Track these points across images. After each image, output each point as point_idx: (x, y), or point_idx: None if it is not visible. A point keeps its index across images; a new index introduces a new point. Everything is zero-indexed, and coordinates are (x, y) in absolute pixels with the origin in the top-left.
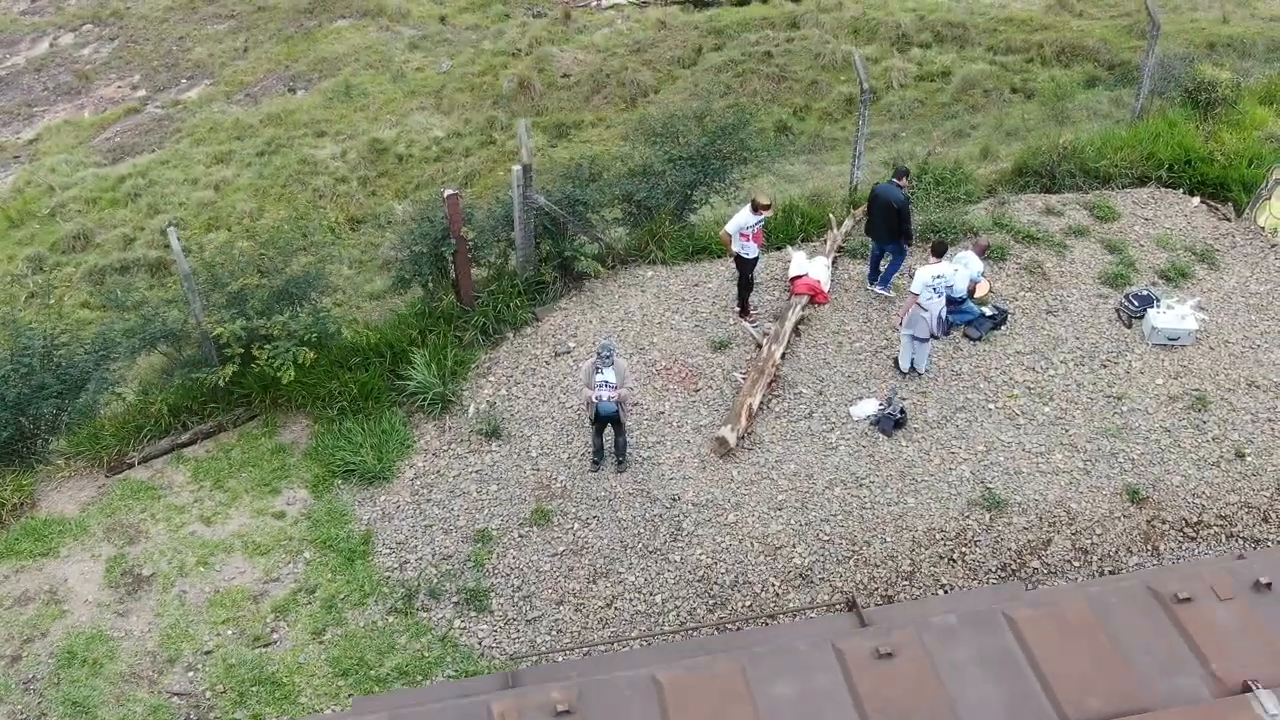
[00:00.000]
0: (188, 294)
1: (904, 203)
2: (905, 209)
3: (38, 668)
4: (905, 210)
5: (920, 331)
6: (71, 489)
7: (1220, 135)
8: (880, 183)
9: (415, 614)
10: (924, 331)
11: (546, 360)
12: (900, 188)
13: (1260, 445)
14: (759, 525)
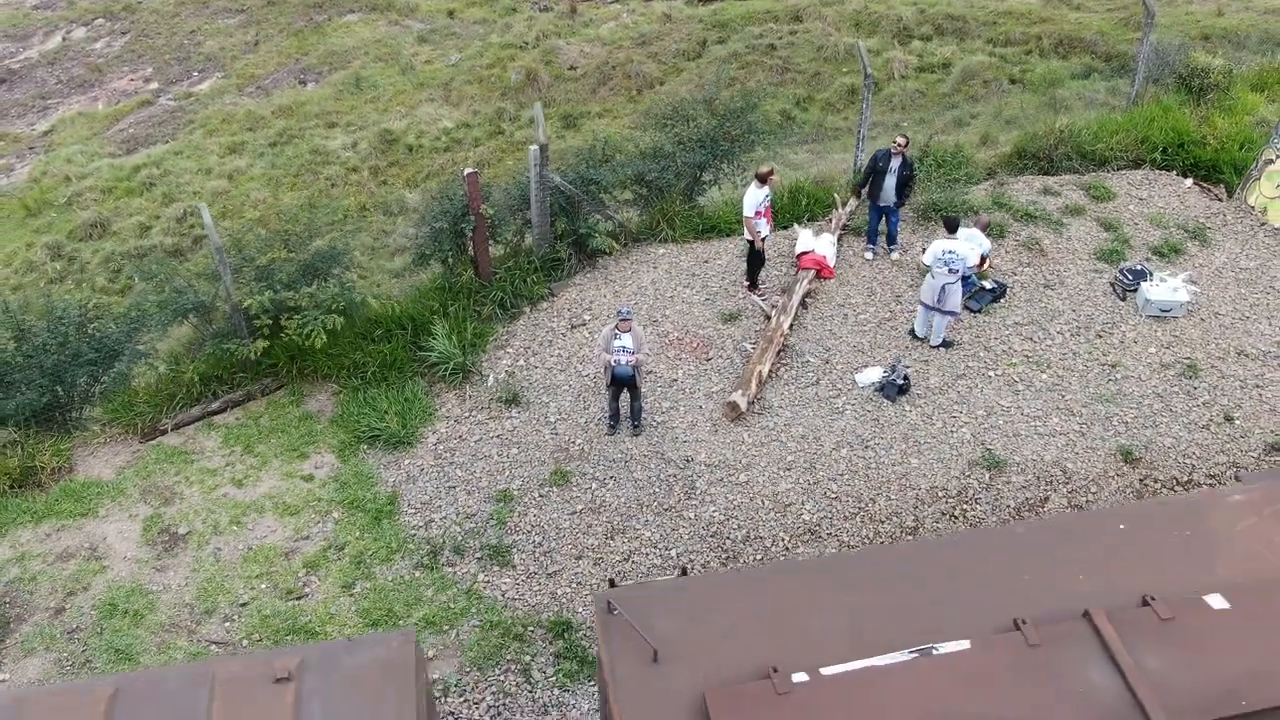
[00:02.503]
0: (218, 268)
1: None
2: (912, 171)
3: (81, 618)
4: (913, 172)
5: (927, 298)
6: (107, 454)
7: (1213, 120)
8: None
9: (440, 569)
10: (929, 298)
11: (563, 332)
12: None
13: (1248, 410)
14: (769, 484)
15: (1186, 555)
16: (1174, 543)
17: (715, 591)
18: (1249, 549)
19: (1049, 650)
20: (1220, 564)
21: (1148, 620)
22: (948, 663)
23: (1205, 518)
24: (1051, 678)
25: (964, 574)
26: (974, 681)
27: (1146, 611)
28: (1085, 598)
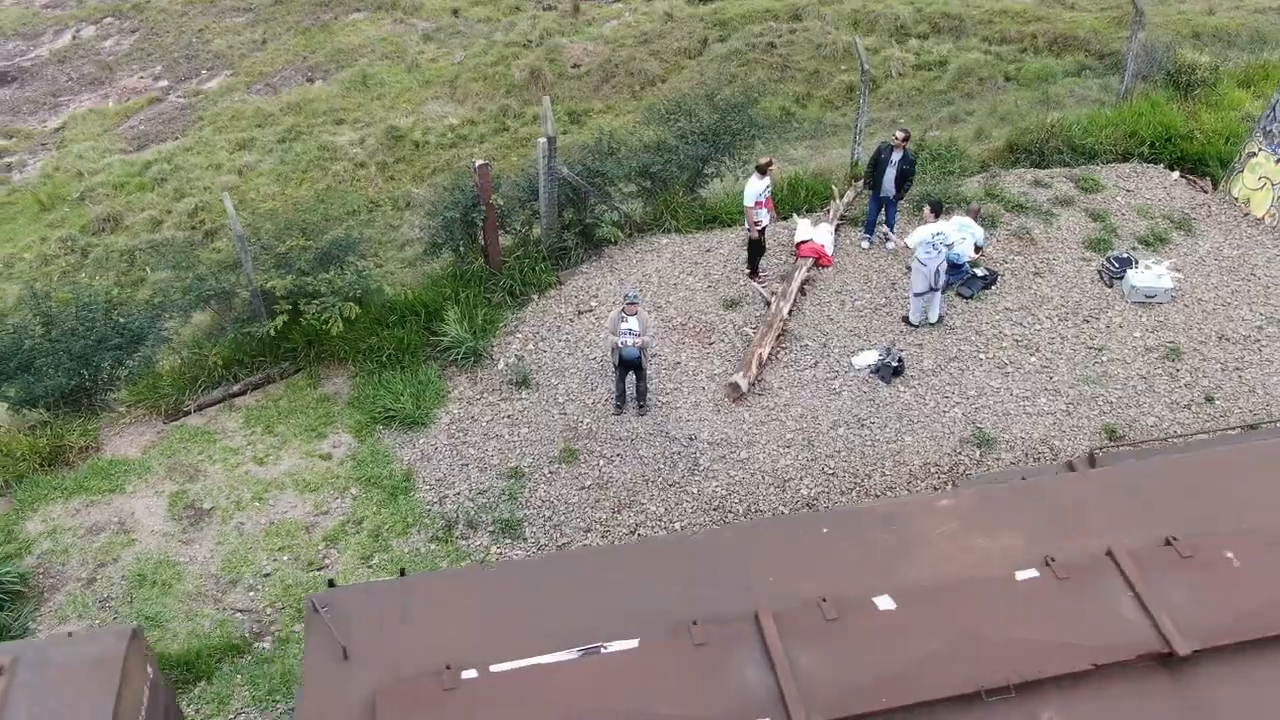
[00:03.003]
0: (240, 255)
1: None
2: (912, 165)
3: (112, 588)
4: (912, 166)
5: (919, 286)
6: (132, 434)
7: (1200, 115)
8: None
9: (455, 542)
10: (922, 285)
11: (570, 318)
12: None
13: (1228, 391)
14: (769, 461)
15: (875, 559)
16: (870, 547)
17: (424, 593)
18: (942, 553)
19: (712, 650)
20: (907, 567)
21: (813, 621)
22: (614, 661)
23: (910, 522)
24: (711, 675)
25: (652, 576)
26: (639, 679)
27: (814, 612)
28: (761, 600)
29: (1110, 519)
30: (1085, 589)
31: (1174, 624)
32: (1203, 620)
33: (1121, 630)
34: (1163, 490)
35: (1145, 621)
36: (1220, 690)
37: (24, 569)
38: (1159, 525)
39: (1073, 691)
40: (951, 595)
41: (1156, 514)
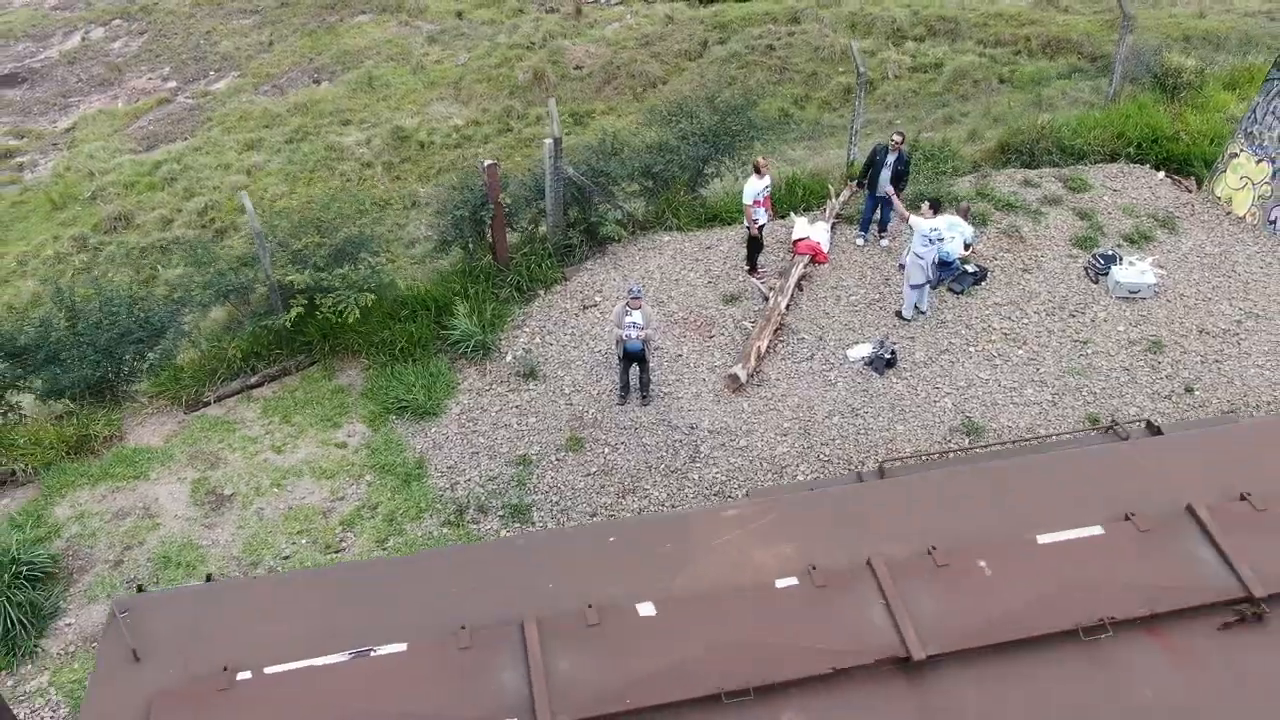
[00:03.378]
0: (258, 251)
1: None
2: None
3: (138, 570)
4: (907, 167)
5: (917, 279)
6: (155, 423)
7: (1185, 117)
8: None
9: (466, 525)
10: (920, 278)
11: (575, 313)
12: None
13: (1207, 382)
14: (767, 448)
15: (652, 568)
16: (650, 555)
17: (222, 598)
18: (716, 561)
19: (476, 653)
20: (679, 575)
21: (574, 627)
22: (383, 663)
23: (694, 532)
24: (471, 678)
25: (434, 584)
26: (405, 681)
27: (577, 619)
28: (530, 607)
29: (879, 530)
30: (839, 597)
31: (915, 630)
32: (944, 627)
33: (865, 636)
34: (931, 502)
35: (890, 627)
36: (954, 692)
37: (54, 551)
38: (924, 536)
39: (813, 694)
40: (710, 602)
41: (923, 525)
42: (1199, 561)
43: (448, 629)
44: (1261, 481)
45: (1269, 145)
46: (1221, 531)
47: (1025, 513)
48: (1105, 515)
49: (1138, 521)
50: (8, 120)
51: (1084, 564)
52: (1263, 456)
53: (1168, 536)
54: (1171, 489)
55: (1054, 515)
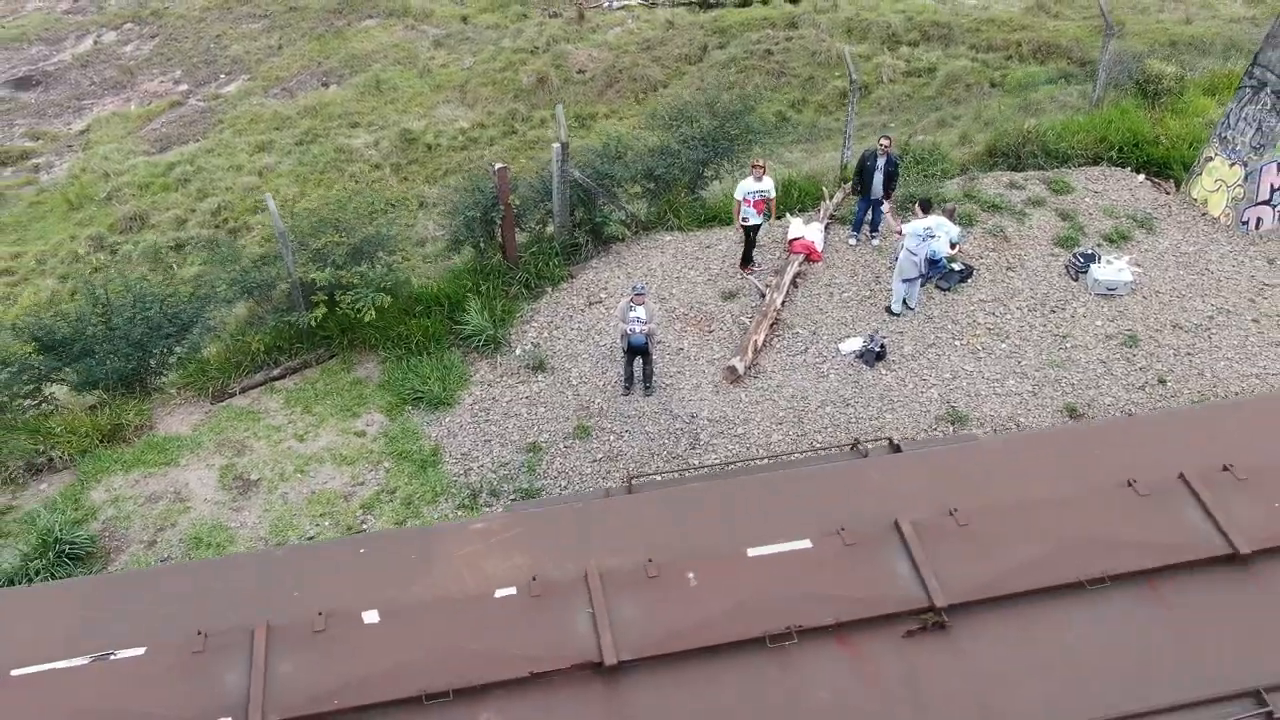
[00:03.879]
0: (281, 250)
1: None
2: (896, 167)
3: (171, 550)
4: (897, 168)
5: (910, 273)
6: (183, 413)
7: (1165, 121)
8: (868, 148)
9: (479, 509)
10: (912, 272)
11: (581, 308)
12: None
13: (1179, 374)
14: (763, 436)
15: (391, 577)
16: (393, 566)
17: (31, 601)
18: (450, 572)
19: (208, 656)
20: (413, 585)
21: (301, 633)
22: (121, 666)
23: (439, 544)
24: (201, 680)
25: (188, 591)
26: (140, 682)
27: (306, 625)
28: (265, 614)
29: (607, 543)
30: (552, 606)
31: (613, 637)
32: (642, 634)
33: (567, 643)
34: (663, 517)
35: (591, 634)
36: (641, 696)
37: (92, 532)
38: (647, 549)
39: (511, 697)
40: (432, 610)
41: (648, 538)
42: (894, 574)
43: (184, 634)
44: (971, 497)
45: (1241, 150)
46: (918, 545)
47: (747, 527)
48: (819, 529)
49: (845, 536)
50: (23, 122)
51: (787, 576)
52: (979, 474)
53: (871, 550)
54: (888, 505)
55: (772, 529)
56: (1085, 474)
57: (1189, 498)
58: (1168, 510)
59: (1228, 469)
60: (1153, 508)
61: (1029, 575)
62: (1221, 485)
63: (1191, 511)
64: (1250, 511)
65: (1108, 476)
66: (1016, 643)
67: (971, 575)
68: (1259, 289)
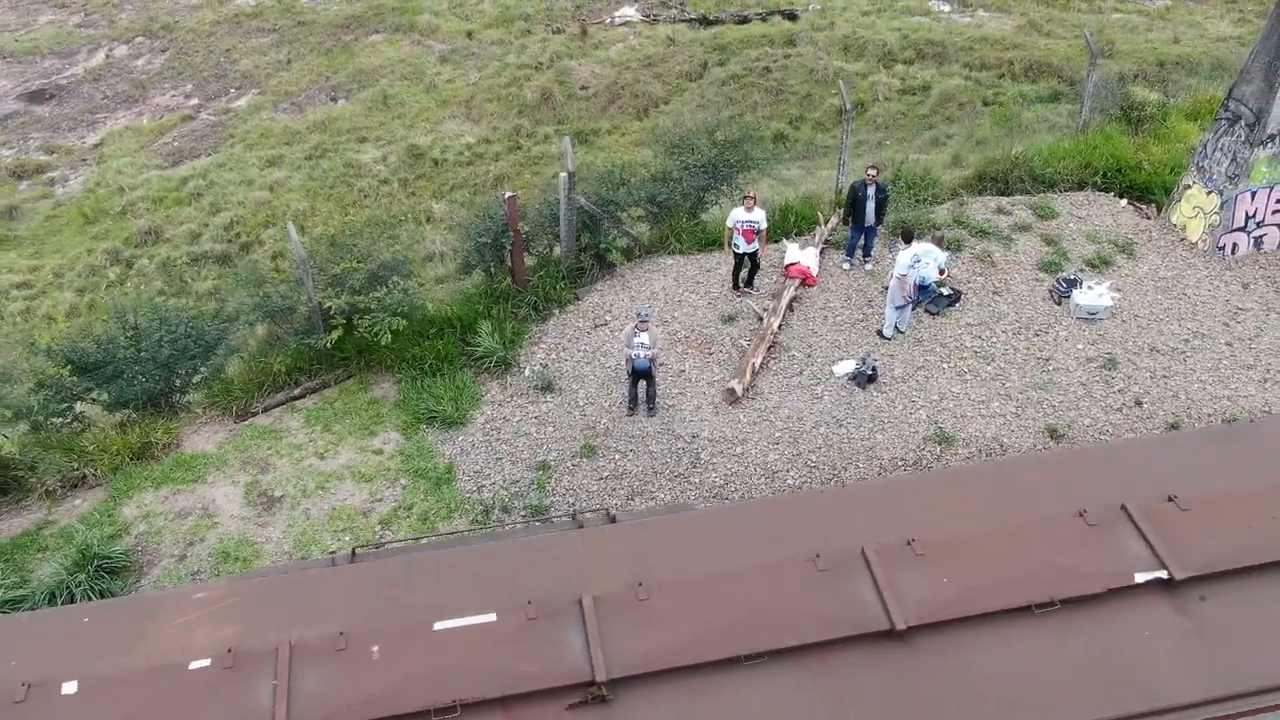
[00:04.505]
0: (302, 275)
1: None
2: (886, 194)
3: (200, 564)
4: (887, 195)
5: (900, 297)
6: (208, 432)
7: (1148, 147)
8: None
9: (492, 525)
10: (902, 297)
11: (587, 331)
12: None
13: (1155, 396)
14: (761, 456)
15: (103, 647)
16: (108, 635)
17: None
18: (160, 642)
19: None
20: (121, 655)
21: (2, 704)
22: None
23: (157, 612)
24: None
25: None
26: None
27: (8, 697)
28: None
29: (310, 615)
30: (240, 678)
31: (287, 709)
32: (318, 706)
33: (245, 716)
34: (367, 587)
35: (269, 708)
36: None
37: (125, 547)
38: (347, 619)
39: None
40: (128, 682)
41: (348, 609)
42: (568, 648)
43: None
44: (662, 571)
45: (1217, 179)
46: (594, 621)
47: (440, 599)
48: (507, 603)
49: (530, 610)
50: (38, 136)
51: (468, 649)
52: (677, 547)
53: (551, 624)
54: (577, 580)
55: (463, 602)
56: (772, 548)
57: (865, 573)
58: (841, 585)
59: (910, 544)
60: (827, 583)
61: (694, 649)
62: (899, 559)
63: (865, 587)
64: (917, 586)
65: (794, 551)
66: (676, 715)
67: (640, 650)
68: (1233, 313)
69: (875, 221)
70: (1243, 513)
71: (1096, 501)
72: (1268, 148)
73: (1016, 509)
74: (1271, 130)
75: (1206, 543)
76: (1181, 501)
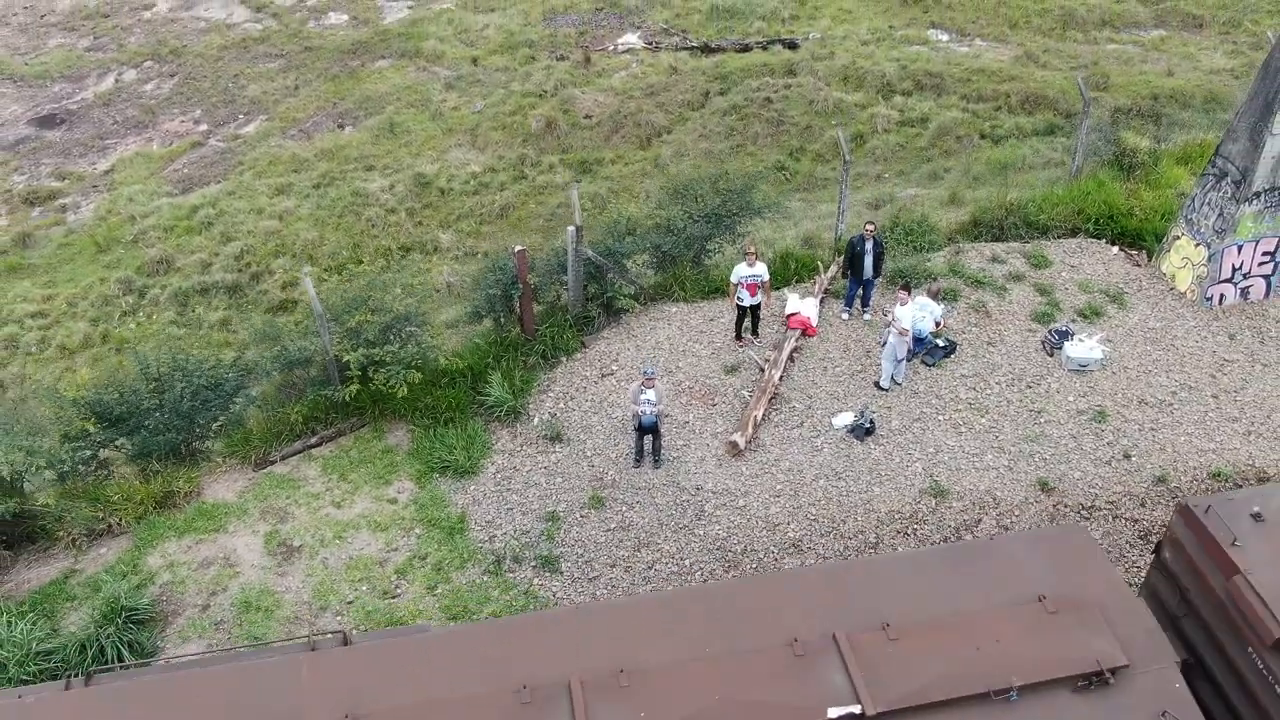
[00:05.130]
0: (319, 328)
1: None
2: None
3: (223, 613)
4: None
5: (901, 351)
6: (228, 480)
7: (1139, 193)
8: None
9: (504, 574)
10: (902, 353)
11: (594, 380)
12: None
13: (1143, 449)
14: (762, 508)
15: None
16: None
17: None
18: None
19: None
20: None
21: None
22: None
23: None
24: None
25: None
26: None
27: None
28: None
29: None
30: None
31: None
32: None
33: None
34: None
35: None
36: None
37: (151, 597)
38: None
39: None
40: None
41: None
42: None
43: None
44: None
45: (1205, 232)
46: None
47: None
48: None
49: None
50: (49, 161)
51: None
52: (399, 673)
53: None
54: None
55: None
56: (486, 677)
57: (567, 706)
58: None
59: (621, 672)
60: (532, 715)
61: None
62: (605, 691)
63: None
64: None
65: (505, 680)
66: None
67: None
68: (1220, 364)
69: (873, 274)
70: (950, 642)
71: (812, 629)
72: (1253, 204)
73: (731, 636)
74: (1256, 188)
75: (906, 676)
76: (893, 630)
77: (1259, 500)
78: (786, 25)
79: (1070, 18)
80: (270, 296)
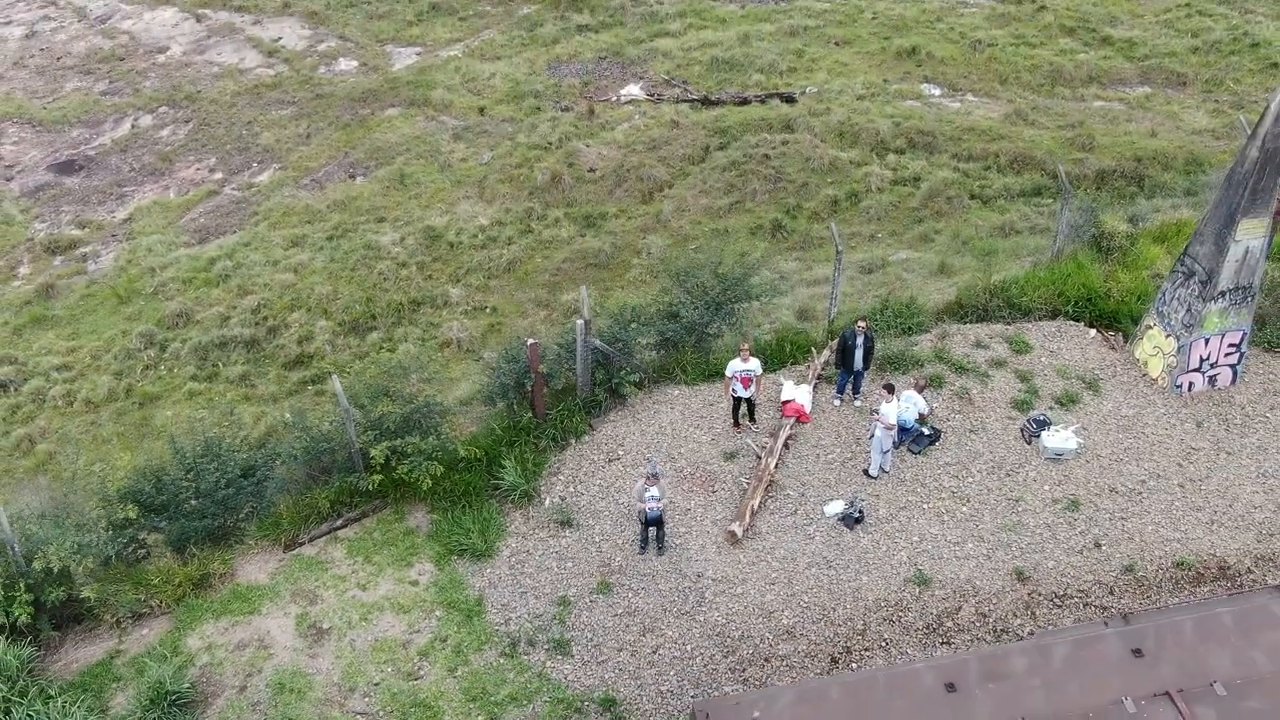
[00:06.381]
0: (345, 422)
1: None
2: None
3: (259, 695)
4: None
5: (888, 444)
6: (259, 561)
7: (1117, 275)
8: (848, 328)
9: (519, 656)
10: (889, 444)
11: (602, 464)
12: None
13: (1113, 537)
14: (758, 595)
15: None
16: None
17: None
18: None
19: None
20: None
21: None
22: None
23: None
24: None
25: None
26: None
27: None
28: None
29: None
30: None
31: None
32: None
33: None
34: None
35: None
36: None
37: (192, 679)
38: None
39: None
40: None
41: None
42: None
43: None
44: None
45: (1174, 325)
46: None
47: None
48: None
49: None
50: (69, 209)
51: None
52: None
53: None
54: None
55: None
56: None
57: None
58: None
59: None
60: None
61: None
62: None
63: None
64: None
65: None
66: None
67: None
68: (1187, 453)
69: (863, 366)
70: None
71: None
72: (1218, 302)
73: None
74: (1221, 288)
75: None
76: None
77: (761, 704)
78: (784, 78)
79: (1058, 74)
80: (287, 351)
